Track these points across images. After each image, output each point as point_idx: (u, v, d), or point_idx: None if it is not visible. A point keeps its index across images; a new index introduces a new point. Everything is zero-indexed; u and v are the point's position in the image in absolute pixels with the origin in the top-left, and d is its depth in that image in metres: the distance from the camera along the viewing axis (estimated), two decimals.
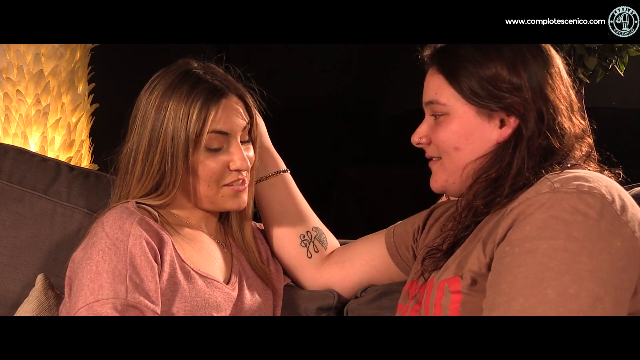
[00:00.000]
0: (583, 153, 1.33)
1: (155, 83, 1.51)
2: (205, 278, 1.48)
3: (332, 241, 1.70)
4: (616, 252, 1.12)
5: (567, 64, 1.39)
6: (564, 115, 1.33)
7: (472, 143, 1.34)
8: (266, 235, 1.70)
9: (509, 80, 1.31)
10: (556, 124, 1.31)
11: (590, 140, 1.36)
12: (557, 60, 1.36)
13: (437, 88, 1.36)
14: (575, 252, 1.11)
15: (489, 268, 1.22)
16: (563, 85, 1.35)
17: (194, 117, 1.46)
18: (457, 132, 1.34)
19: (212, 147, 1.48)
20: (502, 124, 1.33)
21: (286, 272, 1.69)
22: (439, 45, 1.40)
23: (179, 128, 1.46)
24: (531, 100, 1.31)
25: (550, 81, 1.33)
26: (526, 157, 1.30)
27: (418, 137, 1.40)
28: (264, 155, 1.65)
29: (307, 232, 1.67)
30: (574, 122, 1.34)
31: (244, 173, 1.52)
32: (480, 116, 1.33)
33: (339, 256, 1.67)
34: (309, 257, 1.66)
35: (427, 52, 1.41)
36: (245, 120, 1.52)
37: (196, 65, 1.54)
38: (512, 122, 1.32)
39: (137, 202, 1.49)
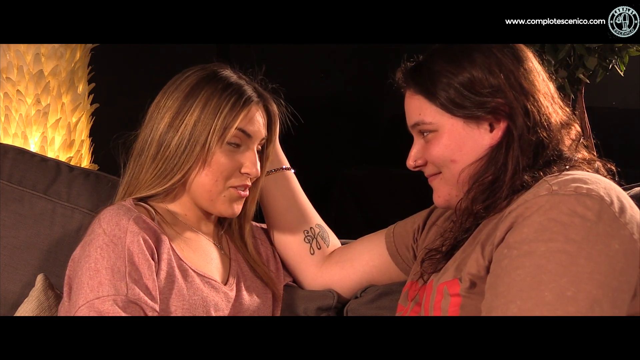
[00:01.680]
0: (572, 138, 1.33)
1: (189, 74, 1.52)
2: (203, 277, 1.48)
3: (333, 240, 1.70)
4: (614, 254, 1.12)
5: (540, 56, 1.39)
6: (547, 106, 1.33)
7: (466, 153, 1.33)
8: (268, 233, 1.70)
9: (487, 83, 1.31)
10: (542, 116, 1.31)
11: (577, 125, 1.36)
12: (529, 54, 1.37)
13: (419, 109, 1.36)
14: (573, 254, 1.11)
15: (487, 271, 1.22)
16: (540, 76, 1.35)
17: (225, 110, 1.47)
18: (450, 145, 1.34)
19: (233, 143, 1.49)
20: (492, 127, 1.33)
21: (286, 269, 1.69)
22: (409, 64, 1.40)
23: (206, 117, 1.46)
24: (514, 99, 1.31)
25: (527, 76, 1.33)
26: (520, 156, 1.30)
27: (412, 160, 1.40)
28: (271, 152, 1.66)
29: (311, 228, 1.67)
30: (557, 111, 1.35)
31: (249, 181, 1.53)
32: (469, 125, 1.33)
33: (339, 256, 1.67)
34: (311, 254, 1.66)
35: (399, 75, 1.41)
36: (265, 132, 1.54)
37: (231, 70, 1.55)
38: (502, 124, 1.32)
39: (135, 200, 1.49)
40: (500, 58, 1.33)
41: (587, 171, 1.28)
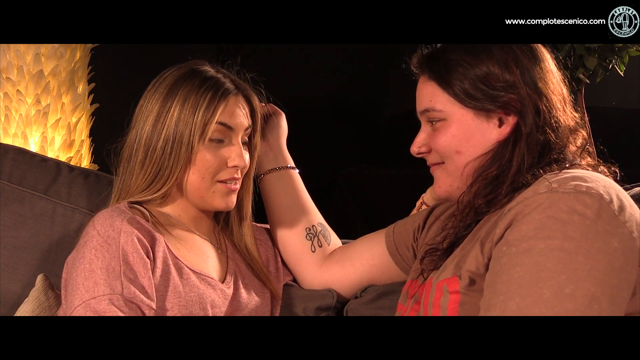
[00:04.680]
0: (578, 145, 1.33)
1: (166, 75, 1.53)
2: (199, 274, 1.49)
3: (334, 239, 1.71)
4: (613, 252, 1.12)
5: (556, 59, 1.39)
6: (558, 108, 1.33)
7: (473, 145, 1.33)
8: (268, 234, 1.71)
9: (502, 78, 1.31)
10: (552, 117, 1.32)
11: (584, 132, 1.36)
12: (546, 54, 1.37)
13: (430, 95, 1.36)
14: (571, 251, 1.11)
15: (487, 268, 1.22)
16: (555, 78, 1.35)
17: (203, 107, 1.48)
18: (457, 136, 1.34)
19: (215, 139, 1.49)
20: (501, 122, 1.33)
21: (287, 268, 1.69)
22: (426, 51, 1.40)
23: (186, 116, 1.47)
24: (527, 96, 1.31)
25: (542, 75, 1.33)
26: (526, 154, 1.30)
27: (417, 146, 1.39)
28: (275, 150, 1.68)
29: (313, 226, 1.67)
30: (567, 114, 1.35)
31: (239, 173, 1.53)
32: (479, 117, 1.33)
33: (339, 255, 1.67)
34: (312, 251, 1.66)
35: (415, 60, 1.41)
36: (248, 122, 1.54)
37: (208, 65, 1.56)
38: (511, 120, 1.32)
39: (129, 203, 1.49)
40: (518, 55, 1.33)
41: (587, 170, 1.28)
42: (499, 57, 1.32)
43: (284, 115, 1.70)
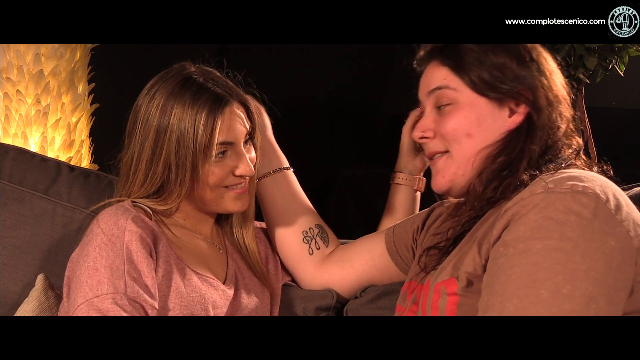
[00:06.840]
0: (574, 147, 1.35)
1: (155, 90, 1.49)
2: (201, 275, 1.49)
3: (333, 240, 1.70)
4: (610, 251, 1.12)
5: (560, 64, 1.40)
6: (563, 110, 1.35)
7: (484, 129, 1.33)
8: (267, 233, 1.71)
9: (517, 71, 1.33)
10: (557, 114, 1.34)
11: (578, 139, 1.37)
12: (549, 56, 1.39)
13: (444, 75, 1.35)
14: (569, 252, 1.11)
15: (484, 269, 1.22)
16: (559, 79, 1.37)
17: (201, 128, 1.45)
18: (469, 118, 1.33)
19: (218, 155, 1.48)
20: (512, 112, 1.33)
21: (285, 269, 1.69)
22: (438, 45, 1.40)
23: (184, 139, 1.45)
24: (540, 88, 1.32)
25: (549, 74, 1.36)
26: (536, 144, 1.30)
27: (421, 130, 1.38)
28: (268, 152, 1.66)
29: (310, 228, 1.67)
30: (569, 117, 1.36)
31: (245, 177, 1.52)
32: (492, 104, 1.33)
33: (338, 255, 1.67)
34: (310, 254, 1.66)
35: (422, 52, 1.40)
36: (247, 127, 1.53)
37: (194, 69, 1.52)
38: (522, 110, 1.33)
39: (133, 201, 1.49)
40: (530, 50, 1.34)
41: (583, 169, 1.29)
42: (514, 51, 1.33)
43: (263, 109, 1.67)
